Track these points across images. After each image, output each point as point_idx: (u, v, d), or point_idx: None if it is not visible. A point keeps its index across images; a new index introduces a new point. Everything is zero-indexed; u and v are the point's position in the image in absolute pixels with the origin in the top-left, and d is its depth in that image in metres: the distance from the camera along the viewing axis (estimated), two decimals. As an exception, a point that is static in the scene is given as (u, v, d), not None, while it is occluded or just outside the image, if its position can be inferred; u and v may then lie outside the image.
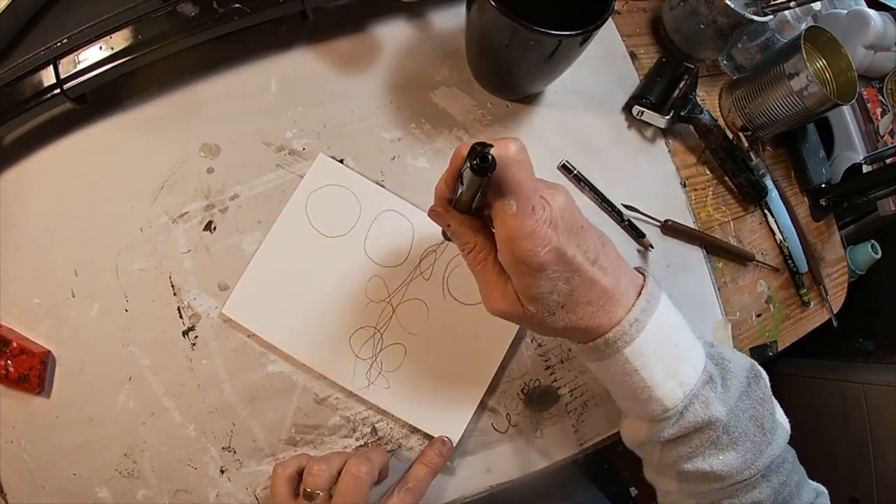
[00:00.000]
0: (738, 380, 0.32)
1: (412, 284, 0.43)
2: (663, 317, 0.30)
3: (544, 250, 0.27)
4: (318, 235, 0.42)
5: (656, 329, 0.30)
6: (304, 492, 0.34)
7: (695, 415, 0.30)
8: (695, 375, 0.30)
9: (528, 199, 0.26)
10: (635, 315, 0.29)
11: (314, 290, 0.42)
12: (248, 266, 0.42)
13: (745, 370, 0.33)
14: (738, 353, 0.35)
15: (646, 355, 0.29)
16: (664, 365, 0.30)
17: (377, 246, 0.43)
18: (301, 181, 0.43)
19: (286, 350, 0.41)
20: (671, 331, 0.31)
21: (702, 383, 0.30)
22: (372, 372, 0.41)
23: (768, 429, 0.32)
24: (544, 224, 0.27)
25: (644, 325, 0.29)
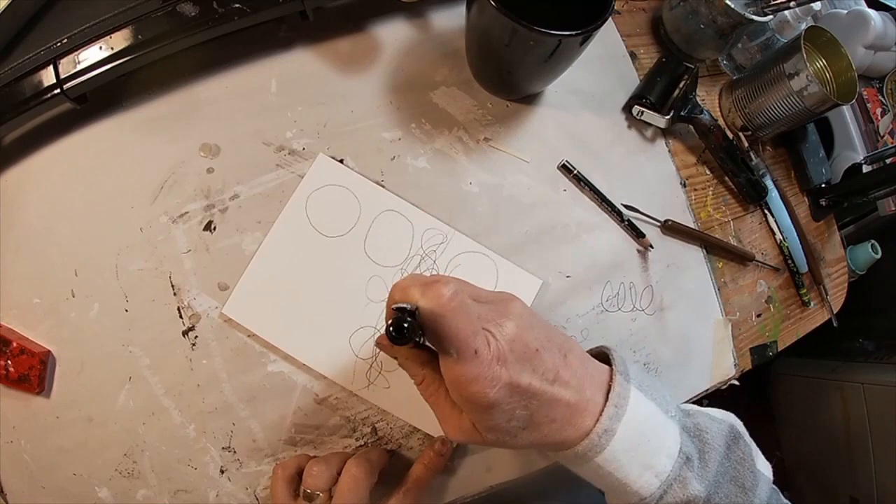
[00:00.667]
0: (717, 451, 0.32)
1: None
2: (633, 416, 0.30)
3: (493, 390, 0.26)
4: (318, 235, 0.42)
5: (627, 432, 0.29)
6: (304, 493, 0.34)
7: (674, 497, 0.30)
8: (670, 463, 0.30)
9: (467, 345, 0.25)
10: (604, 426, 0.29)
11: (314, 290, 0.42)
12: (248, 266, 0.42)
13: (724, 436, 0.33)
14: (715, 417, 0.34)
15: (618, 459, 0.29)
16: (638, 462, 0.29)
17: (377, 246, 0.43)
18: (301, 181, 0.43)
19: (286, 350, 0.41)
20: (642, 427, 0.30)
21: (678, 466, 0.30)
22: (372, 372, 0.41)
23: (749, 487, 0.32)
24: (490, 364, 0.26)
25: (614, 432, 0.29)
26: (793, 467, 1.27)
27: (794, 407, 1.24)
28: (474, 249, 0.44)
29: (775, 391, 1.30)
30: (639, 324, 0.47)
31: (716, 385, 0.50)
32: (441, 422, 0.31)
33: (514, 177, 0.47)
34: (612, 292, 0.47)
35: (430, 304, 0.25)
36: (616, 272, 0.47)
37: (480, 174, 0.46)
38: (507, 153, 0.47)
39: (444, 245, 0.43)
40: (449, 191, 0.45)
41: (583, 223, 0.47)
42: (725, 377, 0.50)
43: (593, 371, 0.31)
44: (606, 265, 0.47)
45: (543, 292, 0.45)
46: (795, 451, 1.26)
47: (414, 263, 0.43)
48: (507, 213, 0.46)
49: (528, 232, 0.46)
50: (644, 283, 0.48)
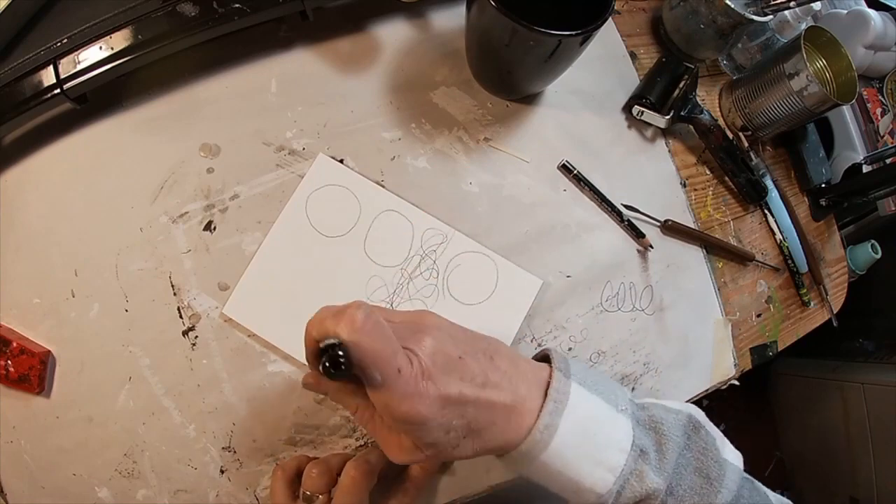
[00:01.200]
0: (675, 441, 0.31)
1: (412, 284, 0.43)
2: (576, 410, 0.29)
3: (424, 406, 0.26)
4: (318, 235, 0.42)
5: (570, 427, 0.29)
6: (304, 495, 0.34)
7: (632, 491, 0.29)
8: (623, 457, 0.29)
9: (389, 365, 0.25)
10: (544, 421, 0.28)
11: (314, 289, 0.42)
12: (248, 266, 0.42)
13: (682, 427, 0.32)
14: (671, 408, 0.33)
15: (564, 455, 0.29)
16: (587, 458, 0.29)
17: (377, 246, 0.43)
18: (301, 181, 0.43)
19: (286, 350, 0.41)
20: (587, 421, 0.30)
21: (633, 460, 0.29)
22: None
23: (715, 476, 0.31)
24: (416, 381, 0.26)
25: (556, 427, 0.28)
26: (793, 467, 1.27)
27: (794, 407, 1.24)
28: (474, 249, 0.44)
29: (775, 391, 1.30)
30: (639, 324, 0.47)
31: (716, 385, 0.50)
32: (383, 447, 0.30)
33: (514, 177, 0.47)
34: (612, 292, 0.47)
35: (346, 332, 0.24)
36: (616, 272, 0.47)
37: (480, 174, 0.46)
38: (507, 153, 0.47)
39: (444, 245, 0.43)
40: (449, 191, 0.45)
41: (583, 223, 0.47)
42: (725, 377, 0.50)
43: (526, 370, 0.31)
44: (606, 265, 0.47)
45: (543, 292, 0.45)
46: (795, 451, 1.26)
47: (414, 263, 0.43)
48: (507, 213, 0.46)
49: (528, 232, 0.46)
50: (644, 283, 0.48)
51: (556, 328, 0.46)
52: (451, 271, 0.43)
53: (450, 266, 0.43)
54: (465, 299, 0.43)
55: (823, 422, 1.12)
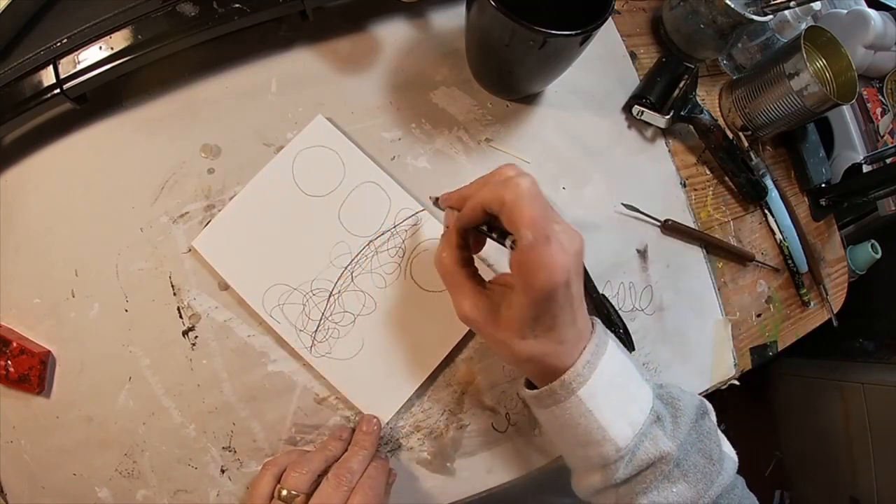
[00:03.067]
0: (688, 417, 0.33)
1: (377, 258, 0.43)
2: (611, 360, 0.32)
3: (560, 277, 0.28)
4: (297, 191, 0.43)
5: (606, 370, 0.31)
6: (280, 493, 0.34)
7: (646, 452, 0.31)
8: (643, 416, 0.32)
9: (542, 230, 0.27)
10: (587, 357, 0.31)
11: (281, 241, 0.42)
12: (226, 206, 0.42)
13: (695, 408, 0.34)
14: (686, 392, 0.36)
15: (597, 396, 0.31)
16: (614, 406, 0.31)
17: (351, 213, 0.43)
18: (294, 137, 0.43)
19: (241, 294, 0.41)
20: (619, 373, 0.32)
21: (650, 422, 0.32)
22: (318, 334, 0.41)
23: (716, 459, 0.33)
24: (559, 256, 0.28)
25: (595, 366, 0.31)
26: (793, 467, 1.27)
27: (794, 407, 1.24)
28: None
29: (775, 391, 1.30)
30: (639, 324, 0.47)
31: (716, 385, 0.50)
32: (457, 300, 0.33)
33: (514, 177, 0.47)
34: (613, 292, 0.47)
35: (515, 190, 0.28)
36: (616, 272, 0.47)
37: (480, 174, 0.46)
38: (508, 153, 0.47)
39: (416, 226, 0.43)
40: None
41: (583, 223, 0.47)
42: (725, 377, 0.50)
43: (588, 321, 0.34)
44: (606, 265, 0.47)
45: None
46: (795, 451, 1.26)
47: (383, 239, 0.43)
48: (507, 213, 0.46)
49: (528, 232, 0.46)
50: (644, 283, 0.48)
51: (556, 328, 0.46)
52: (418, 254, 0.43)
53: (418, 248, 0.43)
54: (426, 285, 0.42)
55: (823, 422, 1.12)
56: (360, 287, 0.42)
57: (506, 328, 0.30)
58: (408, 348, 0.42)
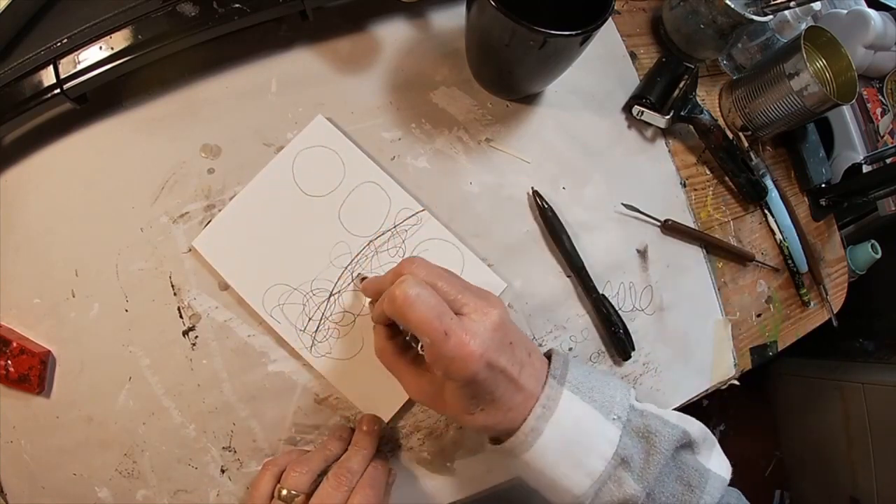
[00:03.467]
0: (663, 454, 0.32)
1: (376, 259, 0.43)
2: (563, 419, 0.31)
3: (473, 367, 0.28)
4: (297, 191, 0.43)
5: (554, 433, 0.31)
6: (281, 493, 0.34)
7: (610, 495, 0.31)
8: (602, 463, 0.31)
9: (435, 329, 0.28)
10: (530, 425, 0.31)
11: (281, 241, 0.42)
12: (226, 206, 0.42)
13: (674, 442, 0.33)
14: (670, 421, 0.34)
15: (546, 457, 0.31)
16: (568, 462, 0.31)
17: (351, 213, 0.43)
18: (294, 137, 0.43)
19: (241, 293, 0.41)
20: (573, 429, 0.31)
21: (612, 467, 0.31)
22: (319, 334, 0.41)
23: (696, 485, 0.32)
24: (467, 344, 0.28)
25: (540, 431, 0.31)
26: (793, 467, 1.27)
27: (794, 407, 1.24)
28: (445, 238, 0.43)
29: (775, 391, 1.30)
30: (639, 324, 0.47)
31: (716, 385, 0.50)
32: (404, 384, 0.34)
33: (514, 177, 0.47)
34: (613, 292, 0.47)
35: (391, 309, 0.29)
36: (616, 272, 0.47)
37: (480, 174, 0.46)
38: (508, 153, 0.47)
39: (416, 227, 0.43)
40: (449, 191, 0.45)
41: (583, 223, 0.47)
42: (725, 377, 0.50)
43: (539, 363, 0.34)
44: (606, 265, 0.47)
45: (543, 291, 0.45)
46: (795, 451, 1.26)
47: (384, 239, 0.43)
48: (507, 213, 0.46)
49: (528, 232, 0.46)
50: (644, 283, 0.48)
51: (556, 328, 0.46)
52: (417, 254, 0.43)
53: (418, 249, 0.43)
54: None
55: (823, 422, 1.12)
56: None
57: (451, 409, 0.31)
58: None
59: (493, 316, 0.30)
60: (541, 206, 0.45)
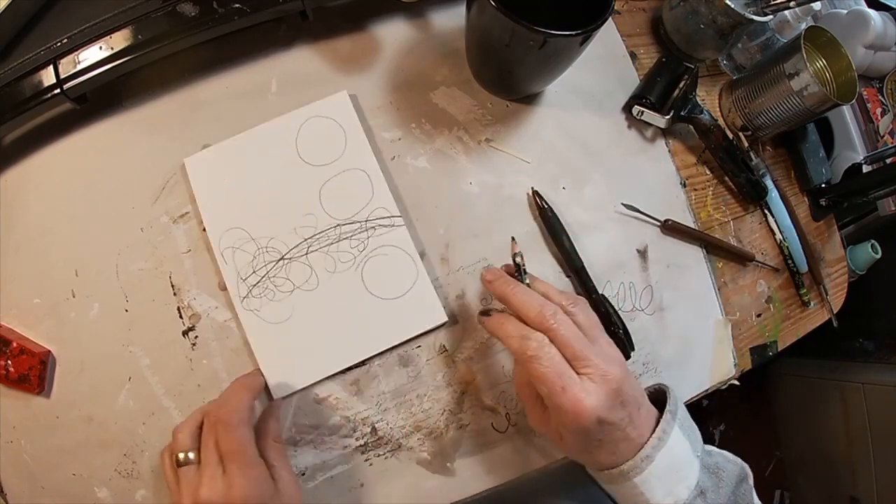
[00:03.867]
0: (729, 486, 0.36)
1: (337, 244, 0.43)
2: (671, 449, 0.34)
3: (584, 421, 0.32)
4: (294, 151, 0.43)
5: (663, 461, 0.34)
6: (177, 459, 0.33)
7: None
8: (688, 492, 0.34)
9: (553, 385, 0.32)
10: (646, 452, 0.33)
11: (260, 191, 0.43)
12: (228, 139, 0.43)
13: (736, 476, 0.37)
14: (730, 458, 0.39)
15: (650, 482, 0.34)
16: (664, 488, 0.34)
17: (332, 193, 0.43)
18: (314, 102, 0.44)
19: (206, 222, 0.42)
20: (675, 460, 0.35)
21: (694, 496, 0.34)
22: (255, 289, 0.41)
23: None
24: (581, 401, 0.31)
25: (653, 459, 0.34)
26: (793, 467, 1.27)
27: (794, 407, 1.24)
28: (407, 251, 0.43)
29: (775, 391, 1.30)
30: (639, 324, 0.47)
31: (716, 385, 0.50)
32: (528, 412, 0.38)
33: (514, 177, 0.47)
34: (613, 292, 0.47)
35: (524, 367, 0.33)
36: (616, 272, 0.47)
37: (480, 174, 0.46)
38: (508, 153, 0.47)
39: (386, 230, 0.43)
40: (449, 191, 0.45)
41: (583, 223, 0.47)
42: (725, 377, 0.50)
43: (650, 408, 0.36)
44: (606, 265, 0.47)
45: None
46: (795, 451, 1.26)
47: (352, 228, 0.43)
48: (507, 213, 0.46)
49: (528, 232, 0.46)
50: (644, 283, 0.48)
51: (556, 328, 0.46)
52: (376, 255, 0.43)
53: (377, 251, 0.43)
54: (371, 287, 0.42)
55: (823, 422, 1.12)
56: (311, 263, 0.42)
57: (565, 447, 0.35)
58: (331, 337, 0.42)
59: (612, 383, 0.32)
60: (540, 206, 0.45)
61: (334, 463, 0.42)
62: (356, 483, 0.42)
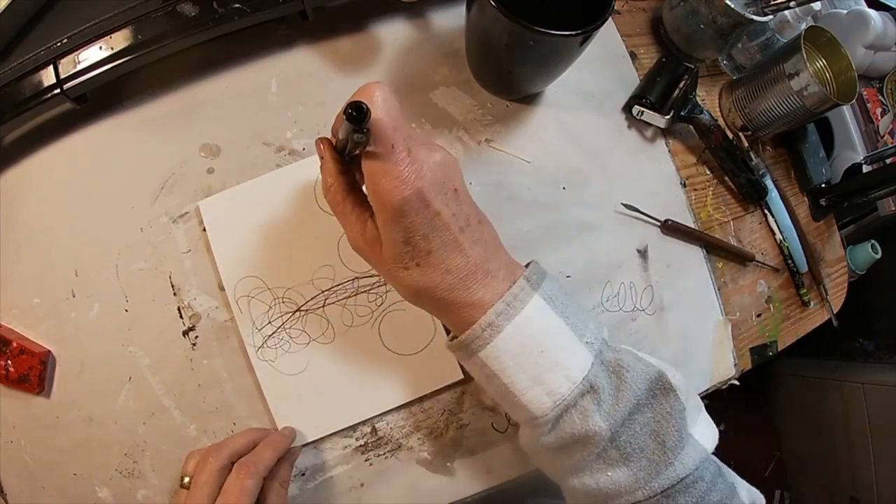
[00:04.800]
0: (634, 391, 0.29)
1: (355, 297, 0.42)
2: (528, 322, 0.28)
3: (404, 190, 0.26)
4: (313, 200, 0.43)
5: (516, 334, 0.28)
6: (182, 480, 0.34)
7: (571, 426, 0.29)
8: (568, 385, 0.28)
9: (385, 136, 0.26)
10: (488, 319, 0.28)
11: (277, 240, 0.42)
12: (245, 182, 0.42)
13: (648, 381, 0.30)
14: (645, 359, 0.32)
15: (502, 360, 0.28)
16: (527, 372, 0.28)
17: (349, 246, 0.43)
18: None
19: (220, 267, 0.41)
20: (538, 336, 0.29)
21: (579, 393, 0.28)
22: (271, 339, 0.41)
23: (671, 446, 0.29)
24: (406, 166, 0.26)
25: (500, 328, 0.28)
26: (793, 467, 1.27)
27: (794, 407, 1.24)
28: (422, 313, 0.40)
29: (775, 391, 1.30)
30: (639, 324, 0.47)
31: (716, 385, 0.50)
32: (345, 228, 0.32)
33: (515, 177, 0.47)
34: (613, 292, 0.47)
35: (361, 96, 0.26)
36: (616, 272, 0.47)
37: (480, 174, 0.46)
38: (508, 153, 0.47)
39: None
40: (449, 191, 0.45)
41: (583, 223, 0.47)
42: (725, 377, 0.50)
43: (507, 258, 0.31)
44: (606, 265, 0.47)
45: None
46: (795, 451, 1.26)
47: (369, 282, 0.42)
48: (507, 213, 0.46)
49: (528, 232, 0.46)
50: (644, 283, 0.48)
51: (556, 328, 0.46)
52: (394, 310, 0.42)
53: (394, 306, 0.42)
54: (389, 343, 0.42)
55: (823, 422, 1.12)
56: (328, 315, 0.42)
57: (386, 259, 0.29)
58: (345, 392, 0.41)
59: (438, 156, 0.28)
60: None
61: (334, 463, 0.42)
62: (356, 483, 0.42)
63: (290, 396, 0.41)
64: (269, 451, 0.35)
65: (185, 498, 0.33)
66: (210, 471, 0.33)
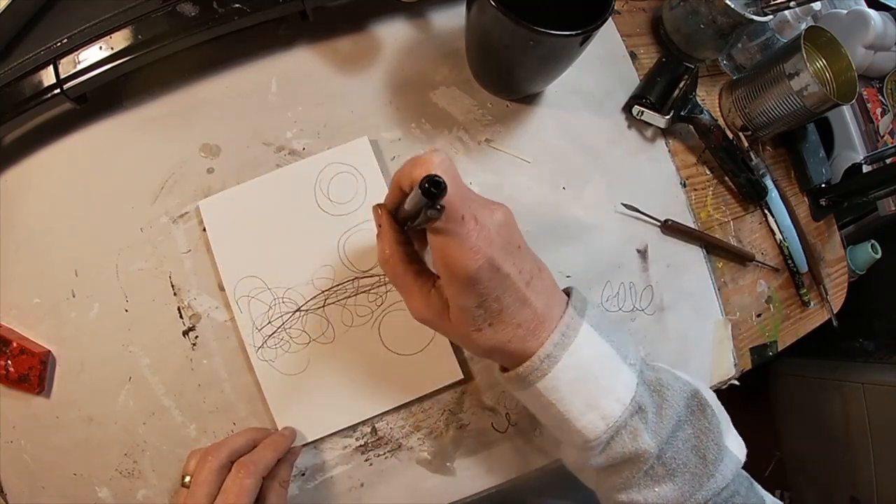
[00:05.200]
0: (676, 409, 0.30)
1: (355, 297, 0.42)
2: (581, 349, 0.29)
3: (475, 261, 0.26)
4: (313, 200, 0.43)
5: (572, 363, 0.29)
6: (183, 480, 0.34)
7: (622, 446, 0.29)
8: (619, 407, 0.29)
9: (455, 209, 0.26)
10: (546, 350, 0.29)
11: (278, 240, 0.42)
12: (245, 183, 0.42)
13: (686, 398, 0.31)
14: (681, 377, 0.33)
15: (559, 389, 0.29)
16: (582, 398, 0.29)
17: (352, 244, 0.43)
18: (333, 150, 0.43)
19: (220, 268, 0.41)
20: (590, 363, 0.30)
21: (629, 414, 0.29)
22: (271, 339, 0.41)
23: (711, 459, 0.30)
24: (476, 235, 0.27)
25: (557, 359, 0.29)
26: (793, 467, 1.27)
27: (794, 407, 1.24)
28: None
29: (775, 391, 1.30)
30: (639, 324, 0.47)
31: (716, 385, 0.50)
32: (408, 301, 0.32)
33: (515, 177, 0.47)
34: (613, 292, 0.47)
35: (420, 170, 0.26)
36: (616, 272, 0.47)
37: (480, 174, 0.46)
38: (508, 153, 0.47)
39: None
40: (449, 191, 0.45)
41: (583, 223, 0.47)
42: (725, 377, 0.50)
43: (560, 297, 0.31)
44: (606, 265, 0.47)
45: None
46: (795, 451, 1.26)
47: (370, 282, 0.42)
48: (507, 213, 0.46)
49: (528, 232, 0.46)
50: (644, 283, 0.48)
51: (556, 328, 0.46)
52: (394, 310, 0.42)
53: (395, 305, 0.42)
54: (389, 343, 0.42)
55: (823, 422, 1.12)
56: (328, 315, 0.42)
57: (457, 327, 0.29)
58: (345, 392, 0.41)
59: (499, 215, 0.28)
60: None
61: (334, 463, 0.42)
62: (356, 483, 0.42)
63: (289, 396, 0.41)
64: (269, 451, 0.35)
65: (184, 497, 0.33)
66: (209, 470, 0.33)
